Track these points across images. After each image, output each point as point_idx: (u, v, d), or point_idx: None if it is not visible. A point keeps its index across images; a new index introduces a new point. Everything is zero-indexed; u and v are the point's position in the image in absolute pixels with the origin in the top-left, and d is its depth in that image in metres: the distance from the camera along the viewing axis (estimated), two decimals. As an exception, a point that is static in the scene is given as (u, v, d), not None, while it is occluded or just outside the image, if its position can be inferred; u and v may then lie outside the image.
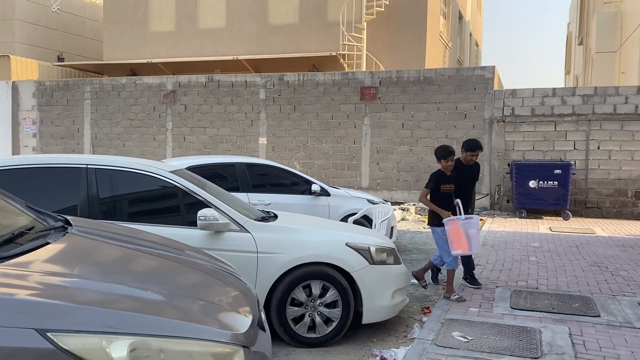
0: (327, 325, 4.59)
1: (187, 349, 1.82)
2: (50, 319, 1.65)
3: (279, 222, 4.90)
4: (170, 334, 1.81)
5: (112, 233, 2.85)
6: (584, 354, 4.10)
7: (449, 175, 5.79)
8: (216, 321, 2.03)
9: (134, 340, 1.72)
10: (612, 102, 12.62)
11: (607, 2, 19.24)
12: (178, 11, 20.51)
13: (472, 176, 6.28)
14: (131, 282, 2.15)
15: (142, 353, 1.72)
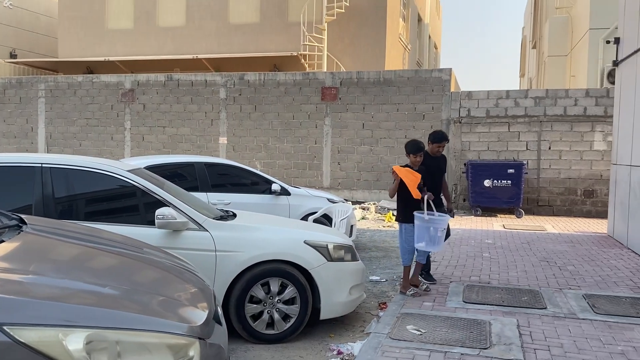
0: (286, 321, 4.67)
1: (143, 341, 1.87)
2: (6, 313, 1.68)
3: (238, 221, 4.95)
4: (126, 326, 1.87)
5: (68, 231, 2.85)
6: (530, 344, 4.31)
7: (416, 170, 5.80)
8: (173, 314, 2.09)
9: (90, 333, 1.76)
10: (562, 104, 13.14)
11: (559, 7, 19.98)
12: (136, 8, 20.21)
13: (440, 167, 6.34)
14: (88, 278, 2.19)
15: (98, 345, 1.77)
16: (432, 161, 6.17)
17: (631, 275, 6.82)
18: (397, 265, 7.77)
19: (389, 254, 8.63)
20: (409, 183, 5.59)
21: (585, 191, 13.03)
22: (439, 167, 6.31)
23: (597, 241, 9.41)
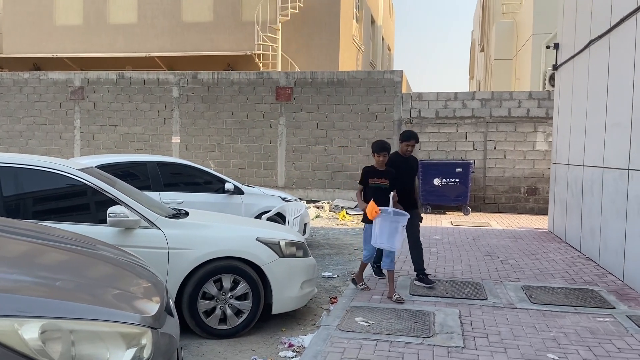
0: (238, 316, 4.78)
1: (96, 330, 1.96)
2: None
3: (190, 219, 5.02)
4: (80, 316, 1.95)
5: (18, 229, 2.88)
6: (470, 332, 4.58)
7: (381, 170, 5.76)
8: (126, 305, 2.19)
9: (45, 323, 1.84)
10: (507, 105, 13.71)
11: (505, 12, 20.76)
12: (86, 4, 19.75)
13: (410, 169, 6.24)
14: (40, 272, 2.25)
15: (53, 334, 1.85)
16: (403, 162, 6.12)
17: (567, 267, 7.25)
18: (349, 261, 7.99)
19: (341, 251, 8.83)
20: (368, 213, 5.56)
21: (528, 189, 13.64)
22: (410, 167, 6.23)
23: (537, 236, 9.91)
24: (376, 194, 5.66)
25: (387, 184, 5.70)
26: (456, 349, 4.18)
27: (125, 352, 2.02)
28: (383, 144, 5.76)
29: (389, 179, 5.72)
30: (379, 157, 5.71)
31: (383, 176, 5.74)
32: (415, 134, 6.18)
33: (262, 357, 4.31)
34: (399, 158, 6.14)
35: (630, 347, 4.32)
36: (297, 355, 4.29)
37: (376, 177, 5.74)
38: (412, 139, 6.11)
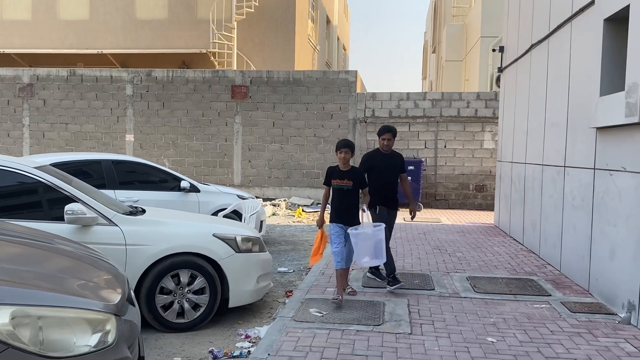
0: (196, 310, 4.91)
1: (62, 316, 2.09)
2: None
3: (147, 216, 5.11)
4: (47, 303, 2.08)
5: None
6: (418, 319, 4.86)
7: (344, 170, 5.42)
8: (90, 294, 2.32)
9: (14, 309, 1.96)
10: (456, 106, 14.23)
11: (455, 15, 21.43)
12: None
13: (392, 165, 5.89)
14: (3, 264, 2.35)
15: (23, 320, 1.97)
16: (383, 159, 5.85)
17: (509, 259, 7.68)
18: (305, 257, 8.19)
19: (297, 248, 9.04)
20: (315, 248, 5.67)
21: (477, 186, 14.21)
22: (392, 165, 5.89)
23: (484, 231, 10.39)
24: (338, 196, 5.42)
25: (350, 185, 5.36)
26: (404, 335, 4.45)
27: (91, 336, 2.15)
28: (344, 142, 5.42)
29: (352, 180, 5.37)
30: (340, 155, 5.37)
31: (346, 177, 5.40)
32: (391, 127, 5.87)
33: (219, 348, 4.46)
34: (378, 154, 5.87)
35: (562, 329, 4.70)
36: (254, 346, 4.46)
37: (338, 178, 5.41)
38: (386, 132, 5.80)
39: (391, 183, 5.91)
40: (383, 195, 5.85)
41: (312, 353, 4.03)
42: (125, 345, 2.36)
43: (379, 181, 5.81)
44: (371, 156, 5.90)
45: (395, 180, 5.97)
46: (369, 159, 5.89)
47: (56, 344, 2.03)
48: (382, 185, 5.84)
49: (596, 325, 4.83)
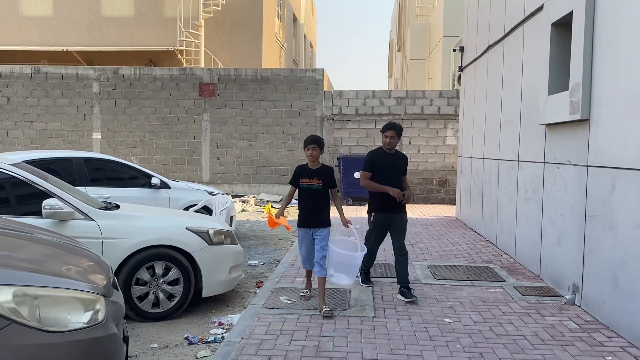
0: (170, 300, 5.13)
1: (57, 295, 2.32)
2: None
3: (122, 211, 5.30)
4: (43, 284, 2.30)
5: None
6: (381, 304, 5.20)
7: (313, 169, 5.10)
8: (80, 277, 2.54)
9: (15, 289, 2.18)
10: (420, 103, 14.69)
11: (419, 15, 21.94)
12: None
13: (394, 167, 5.50)
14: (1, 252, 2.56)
15: (22, 299, 2.19)
16: (386, 159, 5.46)
17: (469, 249, 8.11)
18: (275, 250, 8.46)
19: (267, 242, 9.29)
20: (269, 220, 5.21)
21: (440, 181, 14.71)
22: (395, 165, 5.49)
23: (446, 223, 10.85)
24: (306, 196, 5.10)
25: (320, 184, 5.04)
26: (368, 318, 4.77)
27: (84, 314, 2.38)
28: (312, 137, 5.11)
29: (322, 179, 5.05)
30: (308, 151, 5.05)
31: (315, 176, 5.06)
32: (395, 124, 5.44)
33: (194, 335, 4.70)
34: (380, 153, 5.49)
35: (513, 310, 5.10)
36: (227, 332, 4.71)
37: (306, 177, 5.09)
38: (389, 130, 5.37)
39: (395, 184, 5.41)
40: (384, 199, 5.42)
41: (282, 336, 4.31)
42: (113, 323, 2.59)
43: (379, 181, 5.43)
44: (374, 154, 5.53)
45: (399, 183, 5.47)
46: (371, 158, 5.53)
47: (52, 320, 2.26)
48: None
49: (544, 306, 5.25)
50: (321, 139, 5.16)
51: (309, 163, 5.15)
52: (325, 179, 5.10)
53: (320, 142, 5.11)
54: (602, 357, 4.00)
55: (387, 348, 4.10)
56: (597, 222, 4.94)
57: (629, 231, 4.36)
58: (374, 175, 5.50)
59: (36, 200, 4.71)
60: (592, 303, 5.01)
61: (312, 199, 5.10)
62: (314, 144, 5.07)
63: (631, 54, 4.39)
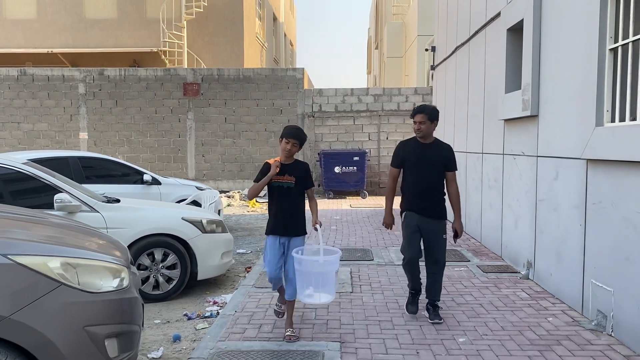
0: (169, 283, 5.72)
1: (91, 264, 2.89)
2: (9, 249, 2.63)
3: (124, 204, 5.86)
4: (80, 256, 2.87)
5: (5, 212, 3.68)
6: (358, 282, 5.84)
7: (286, 164, 4.30)
8: (106, 252, 3.13)
9: (62, 260, 2.75)
10: (396, 100, 15.37)
11: (395, 13, 22.62)
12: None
13: (430, 160, 4.48)
14: (41, 232, 3.12)
15: (66, 267, 2.76)
16: (418, 148, 4.51)
17: (440, 235, 8.80)
18: (260, 240, 9.06)
19: (253, 233, 9.88)
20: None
21: (417, 174, 15.41)
22: (430, 156, 4.48)
23: (421, 213, 11.54)
24: (277, 198, 4.28)
25: (292, 182, 4.24)
26: (346, 293, 5.42)
27: (112, 280, 2.97)
28: (294, 130, 4.28)
29: (295, 176, 4.25)
30: (287, 145, 4.24)
31: (286, 172, 4.26)
32: (425, 106, 4.51)
33: (192, 312, 5.29)
34: (412, 143, 4.56)
35: (474, 285, 5.78)
36: (221, 309, 5.31)
37: (279, 174, 4.25)
38: (419, 114, 4.45)
39: (427, 182, 4.47)
40: (416, 197, 4.51)
41: (271, 309, 4.92)
42: (135, 289, 3.19)
43: (411, 178, 4.55)
44: (404, 144, 4.62)
45: (437, 179, 4.52)
46: (399, 149, 4.61)
47: (89, 284, 2.83)
48: (415, 184, 4.51)
49: (502, 281, 5.94)
50: (304, 135, 4.33)
51: (282, 157, 4.31)
52: (299, 177, 4.27)
53: (302, 139, 4.30)
54: (545, 318, 4.69)
55: (362, 316, 4.75)
56: (545, 205, 5.64)
57: (568, 211, 5.06)
58: (405, 170, 4.57)
59: (45, 194, 5.25)
60: (542, 276, 5.71)
61: (283, 201, 4.21)
62: (296, 140, 4.24)
63: (568, 59, 5.07)
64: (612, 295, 4.23)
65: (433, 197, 4.56)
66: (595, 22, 4.45)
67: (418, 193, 4.54)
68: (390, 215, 4.83)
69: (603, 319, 4.37)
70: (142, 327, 3.35)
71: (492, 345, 4.08)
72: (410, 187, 4.60)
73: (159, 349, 4.32)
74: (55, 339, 2.60)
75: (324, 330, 4.40)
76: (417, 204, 4.56)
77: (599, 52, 4.41)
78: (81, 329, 2.70)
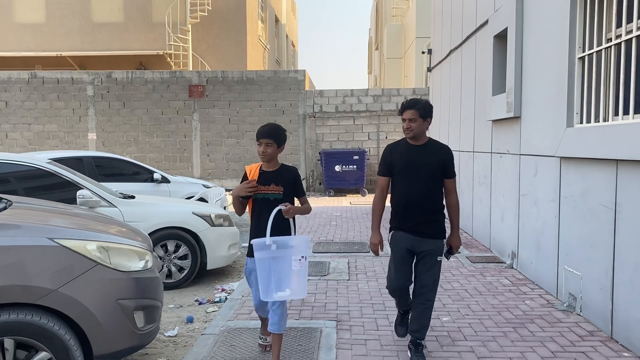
0: (181, 272, 6.21)
1: (121, 247, 3.39)
2: (54, 234, 3.13)
3: (139, 199, 6.36)
4: (112, 241, 3.37)
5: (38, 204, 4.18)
6: (354, 271, 6.34)
7: (269, 171, 3.65)
8: (132, 238, 3.63)
9: (97, 243, 3.26)
10: (395, 100, 15.85)
11: (395, 15, 23.09)
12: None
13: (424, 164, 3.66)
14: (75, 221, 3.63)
15: (100, 249, 3.27)
16: (409, 152, 3.73)
17: (434, 230, 9.29)
18: (264, 235, 9.54)
19: (256, 229, 10.37)
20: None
21: (415, 172, 15.89)
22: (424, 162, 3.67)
23: (418, 209, 12.02)
24: (260, 212, 3.62)
25: (280, 192, 3.62)
26: (343, 281, 5.91)
27: (139, 262, 3.47)
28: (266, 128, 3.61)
29: (283, 185, 3.64)
30: (259, 148, 3.61)
31: (272, 180, 3.64)
32: (416, 101, 3.70)
33: (202, 298, 5.79)
34: (403, 146, 3.78)
35: (461, 273, 6.26)
36: (229, 295, 5.81)
37: (260, 183, 3.64)
38: (408, 109, 3.65)
39: (419, 192, 3.67)
40: (406, 212, 3.72)
41: (274, 294, 5.41)
42: (156, 270, 3.69)
43: (400, 188, 3.74)
44: (392, 148, 3.84)
45: (431, 188, 3.70)
46: (388, 153, 3.82)
47: (119, 264, 3.32)
48: (404, 196, 3.71)
49: (488, 270, 6.43)
50: (281, 132, 3.65)
51: (264, 163, 3.68)
52: (288, 185, 3.65)
53: (277, 135, 3.60)
54: (522, 301, 5.18)
55: (357, 299, 5.24)
56: (526, 200, 6.12)
57: (546, 205, 5.54)
58: (395, 178, 3.78)
59: (67, 190, 5.76)
60: (524, 265, 6.19)
61: (269, 215, 3.42)
62: (269, 139, 3.58)
63: (545, 66, 5.55)
64: (581, 279, 4.72)
65: (426, 212, 3.69)
66: (565, 33, 4.93)
67: (408, 207, 3.70)
68: (377, 233, 3.90)
69: (573, 301, 4.85)
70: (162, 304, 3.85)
71: (472, 323, 4.57)
72: (399, 199, 3.75)
73: (175, 328, 4.82)
74: (94, 310, 3.10)
75: (322, 311, 4.90)
76: (406, 220, 3.71)
77: (569, 60, 4.88)
78: (115, 302, 3.20)
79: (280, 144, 3.65)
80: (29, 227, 3.18)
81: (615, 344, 4.08)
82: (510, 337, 4.26)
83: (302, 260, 3.38)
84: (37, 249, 3.04)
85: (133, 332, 3.30)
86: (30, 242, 3.05)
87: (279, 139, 3.64)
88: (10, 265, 2.97)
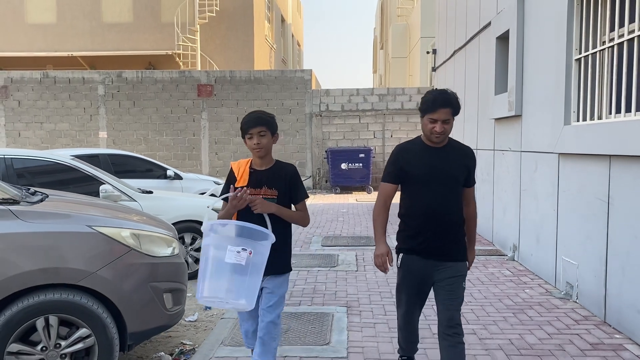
0: (197, 263, 6.52)
1: (150, 235, 3.69)
2: (92, 222, 3.45)
3: (157, 194, 6.68)
4: (142, 229, 3.69)
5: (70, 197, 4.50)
6: (362, 263, 6.63)
7: (261, 170, 3.07)
8: (160, 226, 3.95)
9: (130, 231, 3.57)
10: (400, 100, 16.13)
11: (400, 15, 23.35)
12: (1, 4, 19.97)
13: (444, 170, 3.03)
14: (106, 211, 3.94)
15: (133, 236, 3.57)
16: (427, 156, 3.08)
17: (439, 225, 9.58)
18: (273, 230, 9.86)
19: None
20: None
21: (419, 170, 16.17)
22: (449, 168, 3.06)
23: (423, 206, 12.31)
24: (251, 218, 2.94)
25: (274, 197, 3.01)
26: (352, 272, 6.21)
27: (167, 248, 3.78)
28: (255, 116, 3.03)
29: (277, 188, 3.03)
30: (251, 141, 3.00)
31: (264, 182, 3.04)
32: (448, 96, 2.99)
33: (218, 287, 6.10)
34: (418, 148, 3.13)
35: (465, 265, 6.55)
36: (243, 285, 6.11)
37: (251, 185, 3.02)
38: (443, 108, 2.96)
39: (443, 204, 3.05)
40: (425, 230, 3.08)
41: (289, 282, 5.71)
42: (182, 256, 4.01)
43: (416, 200, 3.12)
44: (404, 149, 3.17)
45: (455, 199, 3.09)
46: (399, 155, 3.15)
47: (149, 250, 3.63)
48: (424, 208, 3.08)
49: (490, 262, 6.71)
50: (271, 116, 3.08)
51: (254, 160, 3.09)
52: (283, 188, 3.05)
53: (269, 121, 3.03)
54: (522, 290, 5.47)
55: (365, 288, 5.54)
56: (527, 195, 6.40)
57: (545, 199, 5.82)
58: (406, 186, 3.16)
59: (89, 184, 6.07)
60: (525, 257, 6.48)
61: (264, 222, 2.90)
62: (260, 126, 2.98)
63: (544, 66, 5.83)
64: (577, 268, 5.00)
65: (450, 228, 3.06)
66: (563, 36, 5.21)
67: (427, 222, 3.05)
68: (383, 244, 3.21)
69: (570, 289, 5.14)
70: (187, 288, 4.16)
71: (474, 309, 4.86)
72: (415, 211, 3.10)
73: (195, 314, 5.13)
74: (128, 291, 3.41)
75: (333, 298, 5.20)
76: (424, 239, 3.06)
77: (567, 61, 5.16)
78: (147, 284, 3.51)
79: (274, 132, 3.03)
80: (72, 216, 3.49)
81: (607, 327, 4.37)
82: (510, 321, 4.55)
83: (241, 253, 2.64)
84: (78, 235, 3.36)
85: (163, 312, 3.61)
86: (72, 228, 3.37)
87: (272, 125, 3.02)
88: (55, 249, 3.28)
